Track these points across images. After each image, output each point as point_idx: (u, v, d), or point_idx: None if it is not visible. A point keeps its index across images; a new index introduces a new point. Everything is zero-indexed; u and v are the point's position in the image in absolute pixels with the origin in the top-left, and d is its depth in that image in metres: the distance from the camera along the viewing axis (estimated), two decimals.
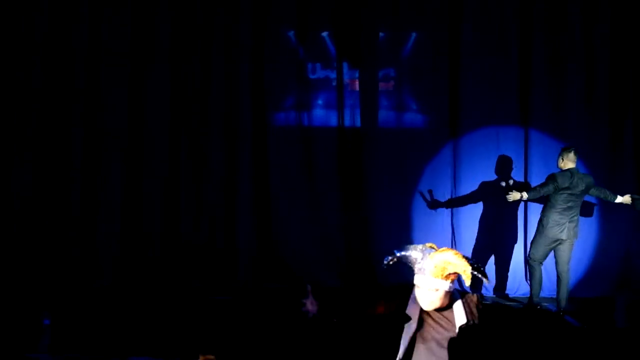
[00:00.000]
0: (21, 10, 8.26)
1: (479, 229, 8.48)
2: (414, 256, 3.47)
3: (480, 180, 8.49)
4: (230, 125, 8.51)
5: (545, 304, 7.70)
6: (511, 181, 7.92)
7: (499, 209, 8.35)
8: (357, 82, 8.63)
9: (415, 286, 3.48)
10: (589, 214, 8.31)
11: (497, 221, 8.47)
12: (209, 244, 8.47)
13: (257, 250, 8.53)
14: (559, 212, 7.38)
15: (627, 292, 8.29)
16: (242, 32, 8.48)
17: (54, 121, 8.34)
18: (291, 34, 8.57)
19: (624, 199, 7.65)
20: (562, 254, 7.47)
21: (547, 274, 7.88)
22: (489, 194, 8.43)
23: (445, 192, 8.55)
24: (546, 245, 7.50)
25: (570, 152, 7.49)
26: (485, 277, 3.54)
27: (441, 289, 3.42)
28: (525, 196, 7.49)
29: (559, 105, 8.52)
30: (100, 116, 8.39)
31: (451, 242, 8.46)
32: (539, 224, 7.58)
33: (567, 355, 6.12)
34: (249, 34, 8.48)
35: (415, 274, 3.46)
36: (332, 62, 8.62)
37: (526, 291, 8.15)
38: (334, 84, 8.63)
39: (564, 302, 7.44)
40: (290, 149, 8.57)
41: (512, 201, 7.62)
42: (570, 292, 7.61)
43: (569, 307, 7.48)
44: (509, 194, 7.54)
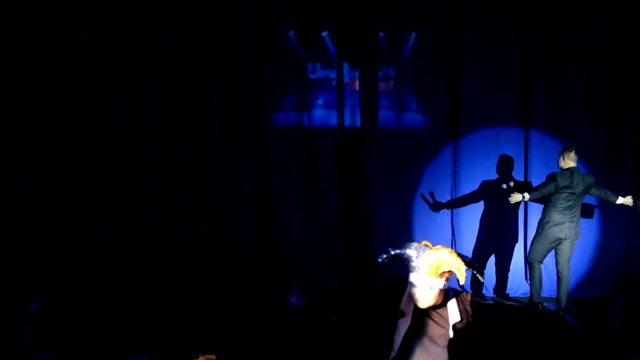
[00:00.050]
0: (21, 10, 8.26)
1: (479, 229, 8.49)
2: (408, 254, 3.51)
3: (480, 180, 8.49)
4: (230, 125, 8.51)
5: (545, 304, 7.70)
6: (512, 183, 7.90)
7: (499, 209, 8.36)
8: (357, 82, 8.62)
9: (410, 284, 3.51)
10: (589, 214, 8.31)
11: (497, 221, 8.48)
12: (209, 244, 8.47)
13: (257, 250, 8.53)
14: (560, 212, 7.38)
15: (627, 292, 8.28)
16: (242, 32, 8.48)
17: (54, 121, 8.35)
18: (291, 33, 8.57)
19: (625, 200, 7.63)
20: (563, 253, 7.47)
21: (547, 273, 7.90)
22: (489, 194, 8.44)
23: (445, 192, 8.55)
24: (546, 244, 7.50)
25: (570, 151, 7.50)
26: (479, 274, 3.58)
27: (436, 287, 3.46)
28: (527, 197, 7.49)
29: (559, 105, 8.52)
30: (100, 116, 8.40)
31: (451, 242, 8.47)
32: (539, 223, 7.59)
33: (566, 355, 6.12)
34: (249, 34, 8.48)
35: (410, 271, 3.49)
36: (332, 62, 8.62)
37: (526, 291, 8.15)
38: (334, 83, 8.63)
39: (564, 302, 7.44)
40: (290, 149, 8.57)
41: (514, 203, 7.63)
42: (570, 292, 7.62)
43: (569, 306, 7.48)
44: (510, 196, 7.54)
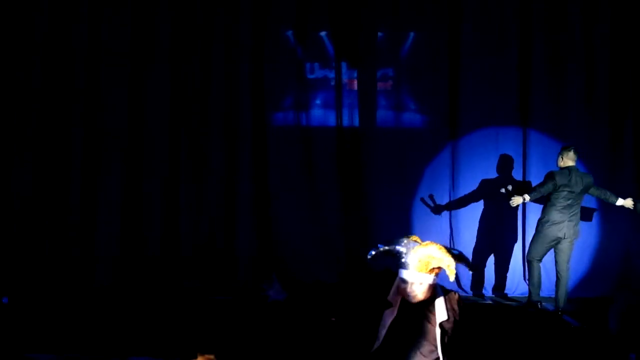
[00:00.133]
0: (21, 10, 8.27)
1: (478, 229, 8.48)
2: (398, 250, 3.53)
3: (479, 180, 8.48)
4: (230, 125, 8.51)
5: (544, 303, 7.69)
6: (510, 186, 7.87)
7: (498, 209, 8.35)
8: (355, 81, 8.62)
9: (399, 279, 3.53)
10: (589, 214, 8.31)
11: (496, 221, 8.48)
12: (209, 244, 8.47)
13: (257, 250, 8.53)
14: (559, 211, 7.38)
15: (626, 293, 8.27)
16: (242, 32, 8.48)
17: (54, 121, 8.35)
18: (289, 33, 8.57)
19: (626, 202, 7.56)
20: (562, 253, 7.46)
21: (547, 273, 7.89)
22: (488, 194, 8.43)
23: (444, 192, 8.54)
24: (545, 243, 7.49)
25: (569, 150, 7.49)
26: (469, 266, 3.61)
27: (425, 283, 3.48)
28: (527, 198, 7.48)
29: (559, 105, 8.52)
30: (100, 116, 8.40)
31: (450, 241, 8.47)
32: (538, 223, 7.58)
33: (565, 355, 6.12)
34: (249, 34, 8.49)
35: (399, 267, 3.51)
36: (331, 62, 8.61)
37: (525, 290, 8.15)
38: (333, 83, 8.62)
39: (563, 302, 7.43)
40: (289, 148, 8.57)
41: (515, 205, 7.63)
42: (570, 292, 7.61)
43: (568, 306, 7.47)
44: (511, 200, 7.54)
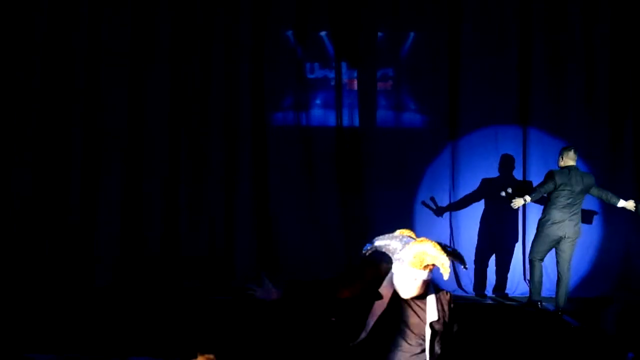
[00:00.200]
0: (21, 10, 8.27)
1: (478, 229, 8.48)
2: (393, 246, 3.51)
3: (479, 180, 8.48)
4: (230, 125, 8.51)
5: (544, 303, 7.69)
6: (509, 189, 7.83)
7: (498, 209, 8.34)
8: (355, 81, 8.61)
9: (393, 274, 3.52)
10: (590, 215, 8.30)
11: (496, 221, 8.47)
12: (209, 244, 8.47)
13: (257, 250, 8.53)
14: (559, 209, 7.36)
15: (625, 295, 8.27)
16: (242, 32, 8.48)
17: (54, 121, 8.35)
18: (289, 33, 8.56)
19: (627, 204, 7.50)
20: (563, 253, 7.44)
21: (547, 273, 7.88)
22: (488, 193, 8.43)
23: (444, 192, 8.54)
24: (546, 243, 7.48)
25: (569, 150, 7.49)
26: (463, 263, 3.60)
27: (419, 279, 3.46)
28: (528, 199, 7.47)
29: (559, 105, 8.52)
30: (100, 116, 8.40)
31: (450, 241, 8.46)
32: (539, 222, 7.56)
33: (563, 354, 6.12)
34: (249, 34, 8.48)
35: (393, 262, 3.50)
36: (331, 62, 8.60)
37: (525, 290, 8.15)
38: (333, 83, 8.62)
39: (563, 302, 7.42)
40: (289, 148, 8.56)
41: (517, 208, 7.62)
42: (570, 292, 7.59)
43: (568, 306, 7.47)
44: (512, 202, 7.52)
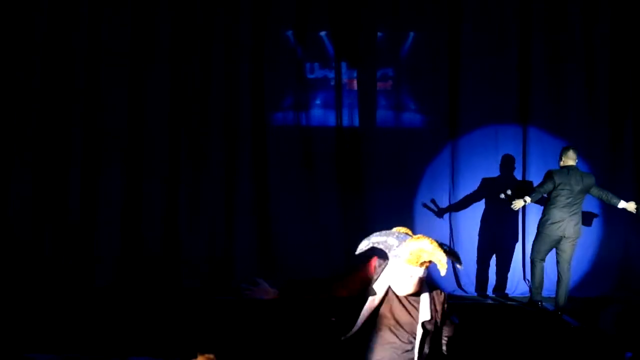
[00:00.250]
0: (21, 10, 8.27)
1: (478, 229, 8.48)
2: (389, 242, 3.51)
3: (479, 179, 8.49)
4: (230, 125, 8.51)
5: (544, 303, 7.69)
6: (509, 191, 7.81)
7: (498, 209, 8.34)
8: (355, 81, 8.61)
9: (388, 269, 3.51)
10: (590, 214, 8.30)
11: (496, 220, 8.48)
12: (209, 243, 8.47)
13: (257, 250, 8.53)
14: (559, 209, 7.36)
15: (625, 293, 8.27)
16: (242, 32, 8.48)
17: (54, 121, 8.35)
18: (289, 33, 8.56)
19: (628, 205, 7.46)
20: (563, 253, 7.44)
21: (547, 273, 7.88)
22: (488, 193, 8.43)
23: (444, 192, 8.54)
24: (547, 243, 7.48)
25: (569, 150, 7.49)
26: (459, 262, 3.59)
27: (415, 276, 3.46)
28: (528, 200, 7.46)
29: (559, 105, 8.52)
30: (100, 116, 8.40)
31: (450, 241, 8.46)
32: (539, 222, 7.56)
33: (564, 354, 6.12)
34: (249, 34, 8.48)
35: (390, 259, 3.49)
36: (331, 62, 8.60)
37: (525, 290, 8.15)
38: (332, 83, 8.62)
39: (563, 302, 7.42)
40: (289, 148, 8.56)
41: (517, 209, 7.61)
42: (570, 292, 7.59)
43: (568, 306, 7.47)
44: (512, 204, 7.51)
